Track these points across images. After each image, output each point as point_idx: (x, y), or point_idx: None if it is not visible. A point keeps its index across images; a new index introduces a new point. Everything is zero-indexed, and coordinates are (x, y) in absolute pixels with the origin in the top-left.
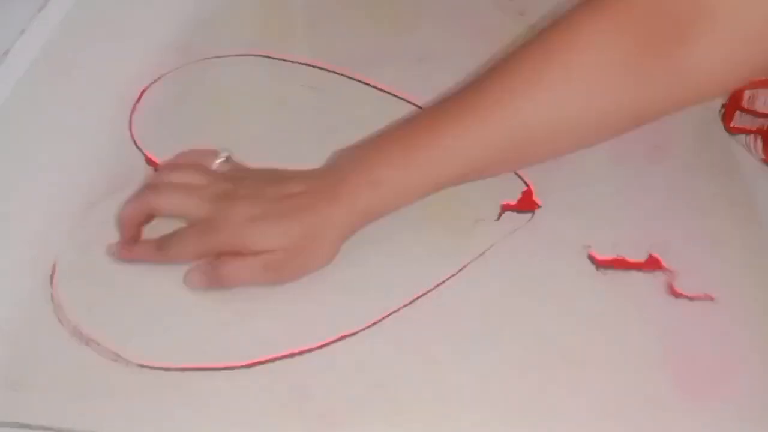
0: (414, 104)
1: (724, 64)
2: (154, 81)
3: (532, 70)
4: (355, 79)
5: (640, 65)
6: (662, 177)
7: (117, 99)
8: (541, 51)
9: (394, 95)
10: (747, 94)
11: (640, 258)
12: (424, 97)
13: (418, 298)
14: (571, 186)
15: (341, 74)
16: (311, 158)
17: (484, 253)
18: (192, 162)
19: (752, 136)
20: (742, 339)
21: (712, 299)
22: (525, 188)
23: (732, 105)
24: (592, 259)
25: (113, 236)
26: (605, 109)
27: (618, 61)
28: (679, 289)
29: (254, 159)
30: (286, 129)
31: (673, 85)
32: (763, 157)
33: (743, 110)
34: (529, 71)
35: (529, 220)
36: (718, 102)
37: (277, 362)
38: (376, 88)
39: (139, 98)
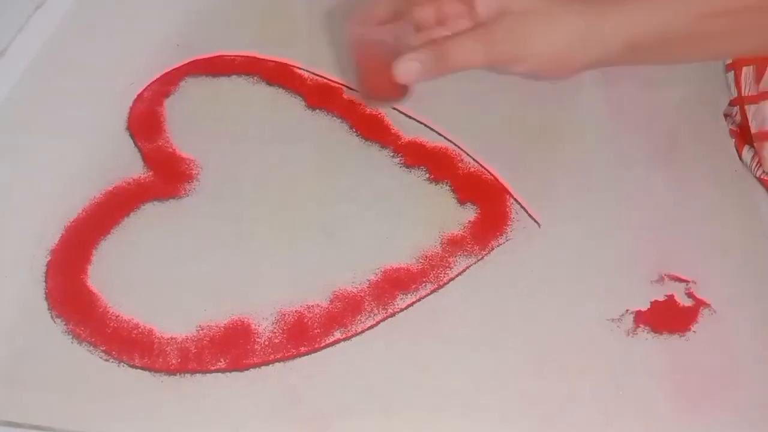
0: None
1: None
2: (153, 79)
3: None
4: (352, 89)
5: None
6: (665, 186)
7: (115, 97)
8: None
9: None
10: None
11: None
12: (426, 98)
13: (413, 303)
14: (573, 193)
15: (341, 83)
16: (308, 160)
17: (483, 257)
18: None
19: (752, 155)
20: (742, 349)
21: (708, 305)
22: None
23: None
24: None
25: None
26: None
27: None
28: (678, 300)
29: (252, 157)
30: (283, 128)
31: None
32: (758, 175)
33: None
34: None
35: (524, 228)
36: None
37: (271, 365)
38: None
39: (138, 97)
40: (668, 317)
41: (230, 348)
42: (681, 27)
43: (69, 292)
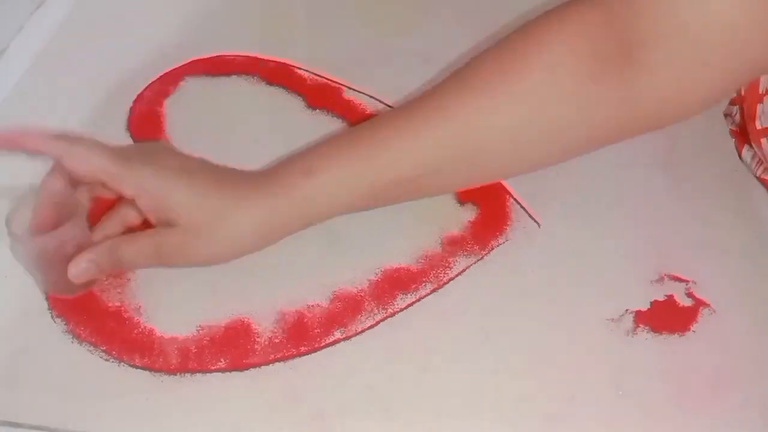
0: None
1: (671, 88)
2: (153, 80)
3: (488, 76)
4: (352, 89)
5: (593, 80)
6: (665, 185)
7: (115, 97)
8: (498, 58)
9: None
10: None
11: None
12: None
13: (413, 303)
14: (573, 193)
15: (341, 83)
16: None
17: (483, 257)
18: None
19: (752, 155)
20: (742, 349)
21: (708, 305)
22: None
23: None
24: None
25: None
26: (557, 119)
27: (572, 73)
28: (678, 300)
29: (252, 157)
30: (283, 128)
31: (623, 106)
32: (758, 174)
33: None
34: (484, 77)
35: (524, 228)
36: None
37: (271, 365)
38: (370, 96)
39: (138, 97)
40: (668, 317)
41: (230, 348)
42: (360, 200)
43: None
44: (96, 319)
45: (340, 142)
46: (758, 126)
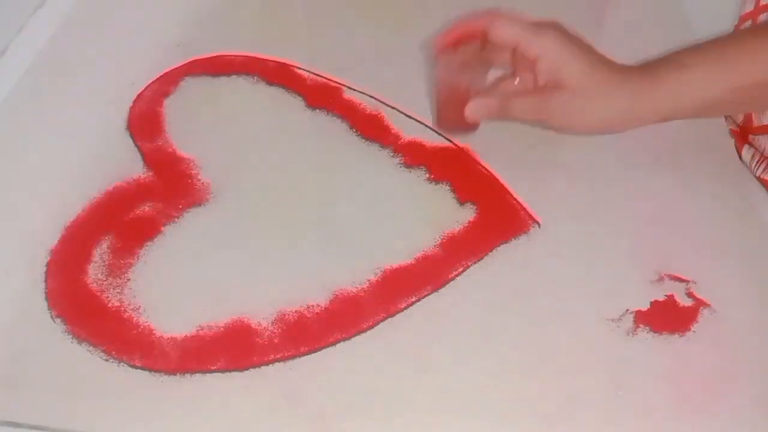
0: (416, 118)
1: None
2: (153, 79)
3: None
4: (352, 89)
5: None
6: (665, 185)
7: (115, 97)
8: None
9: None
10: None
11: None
12: (426, 98)
13: (413, 303)
14: (573, 193)
15: (341, 83)
16: (308, 160)
17: (483, 257)
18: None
19: (752, 155)
20: (742, 349)
21: (708, 305)
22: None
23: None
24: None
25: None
26: None
27: None
28: (679, 300)
29: (251, 157)
30: (283, 128)
31: None
32: (758, 174)
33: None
34: None
35: (528, 232)
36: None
37: (271, 365)
38: (372, 96)
39: (138, 97)
40: (668, 317)
41: (230, 348)
42: (713, 99)
43: (69, 292)
44: (96, 318)
45: (708, 46)
46: (756, 123)
